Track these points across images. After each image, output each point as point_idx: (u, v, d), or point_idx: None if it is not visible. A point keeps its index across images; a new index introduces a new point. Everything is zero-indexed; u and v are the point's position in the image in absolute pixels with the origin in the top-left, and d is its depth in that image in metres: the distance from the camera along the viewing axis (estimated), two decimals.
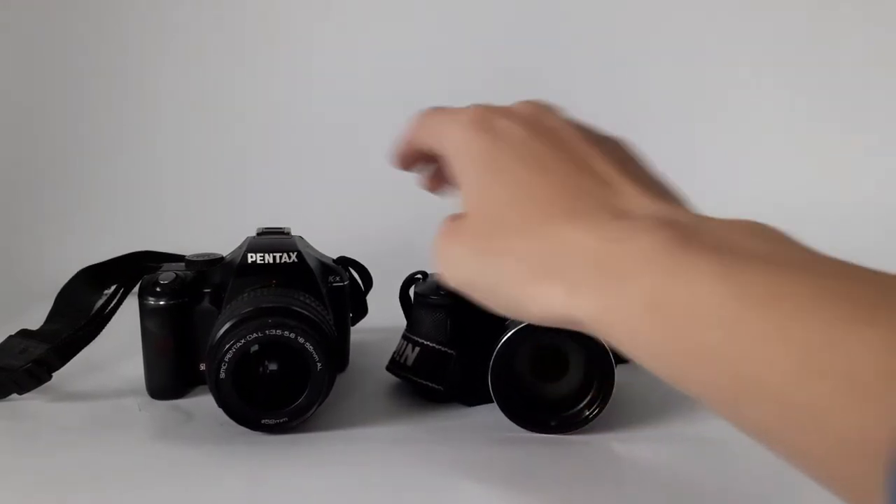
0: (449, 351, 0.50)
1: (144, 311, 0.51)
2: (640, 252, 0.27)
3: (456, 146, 0.35)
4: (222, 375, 0.44)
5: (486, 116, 0.35)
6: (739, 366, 0.24)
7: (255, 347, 0.44)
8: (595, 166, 0.32)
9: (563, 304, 0.29)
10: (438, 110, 0.37)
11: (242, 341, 0.43)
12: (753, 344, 0.24)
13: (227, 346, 0.43)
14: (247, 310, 0.45)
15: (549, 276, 0.30)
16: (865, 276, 0.25)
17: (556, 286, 0.29)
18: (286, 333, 0.43)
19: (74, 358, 0.52)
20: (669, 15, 0.95)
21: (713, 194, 0.89)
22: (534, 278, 0.30)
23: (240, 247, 0.52)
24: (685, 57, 0.96)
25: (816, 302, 0.23)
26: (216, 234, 0.59)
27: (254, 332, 0.43)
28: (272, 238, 0.52)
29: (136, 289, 0.52)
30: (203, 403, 0.49)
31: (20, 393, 0.50)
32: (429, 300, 0.51)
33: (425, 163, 0.40)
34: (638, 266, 0.27)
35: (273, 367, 0.45)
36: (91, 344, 0.53)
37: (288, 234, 0.53)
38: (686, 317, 0.26)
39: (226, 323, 0.45)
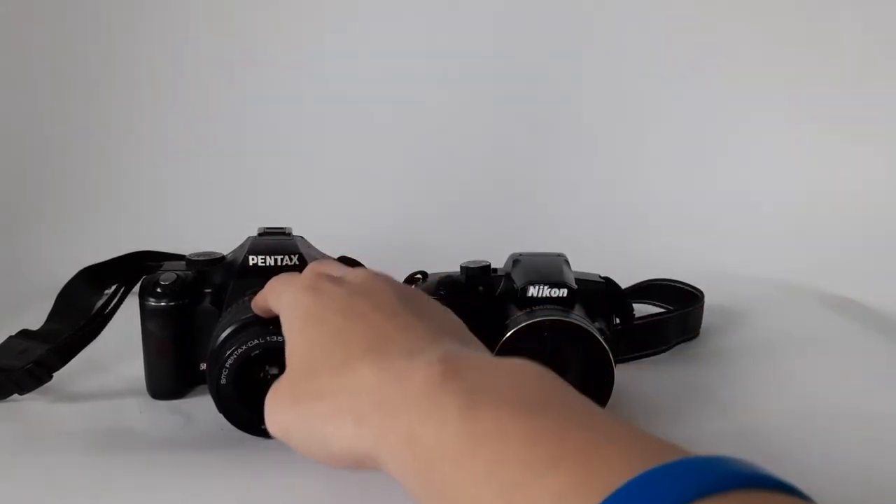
0: None
1: (145, 312, 0.50)
2: (410, 389, 0.29)
3: (287, 305, 0.39)
4: (223, 381, 0.44)
5: (316, 281, 0.39)
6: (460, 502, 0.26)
7: (257, 353, 0.44)
8: (402, 316, 0.35)
9: (352, 437, 0.31)
10: (284, 275, 0.42)
11: (244, 347, 0.43)
12: (471, 480, 0.25)
13: (229, 353, 0.43)
14: (248, 315, 0.44)
15: (346, 413, 0.31)
16: (586, 418, 0.26)
17: (349, 421, 0.31)
18: None
19: (75, 358, 0.52)
20: (674, 16, 0.95)
21: (719, 194, 0.90)
22: (335, 414, 0.32)
23: (241, 247, 0.52)
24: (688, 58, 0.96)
25: (525, 442, 0.25)
26: (217, 234, 0.58)
27: (255, 337, 0.43)
28: (273, 239, 0.52)
29: (136, 289, 0.52)
30: (203, 404, 0.49)
31: (21, 393, 0.51)
32: None
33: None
34: (404, 403, 0.29)
35: (274, 371, 0.44)
36: (91, 344, 0.53)
37: (289, 234, 0.53)
38: (433, 452, 0.27)
39: (227, 328, 0.45)
